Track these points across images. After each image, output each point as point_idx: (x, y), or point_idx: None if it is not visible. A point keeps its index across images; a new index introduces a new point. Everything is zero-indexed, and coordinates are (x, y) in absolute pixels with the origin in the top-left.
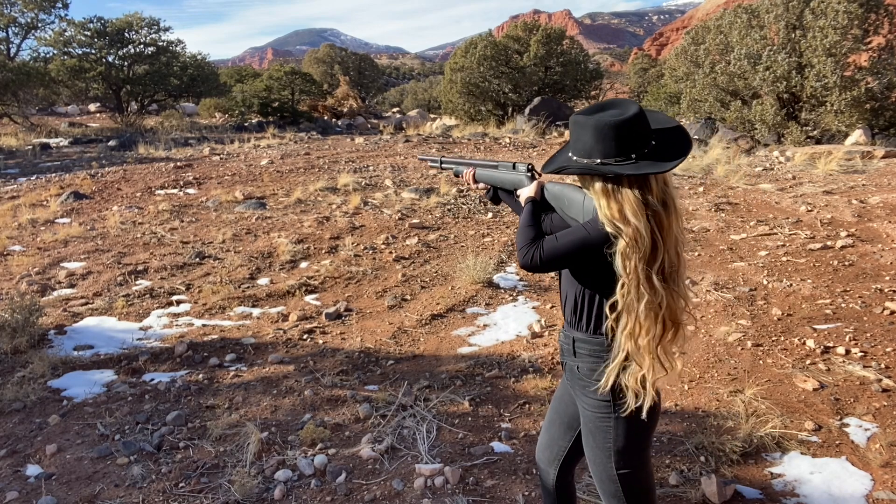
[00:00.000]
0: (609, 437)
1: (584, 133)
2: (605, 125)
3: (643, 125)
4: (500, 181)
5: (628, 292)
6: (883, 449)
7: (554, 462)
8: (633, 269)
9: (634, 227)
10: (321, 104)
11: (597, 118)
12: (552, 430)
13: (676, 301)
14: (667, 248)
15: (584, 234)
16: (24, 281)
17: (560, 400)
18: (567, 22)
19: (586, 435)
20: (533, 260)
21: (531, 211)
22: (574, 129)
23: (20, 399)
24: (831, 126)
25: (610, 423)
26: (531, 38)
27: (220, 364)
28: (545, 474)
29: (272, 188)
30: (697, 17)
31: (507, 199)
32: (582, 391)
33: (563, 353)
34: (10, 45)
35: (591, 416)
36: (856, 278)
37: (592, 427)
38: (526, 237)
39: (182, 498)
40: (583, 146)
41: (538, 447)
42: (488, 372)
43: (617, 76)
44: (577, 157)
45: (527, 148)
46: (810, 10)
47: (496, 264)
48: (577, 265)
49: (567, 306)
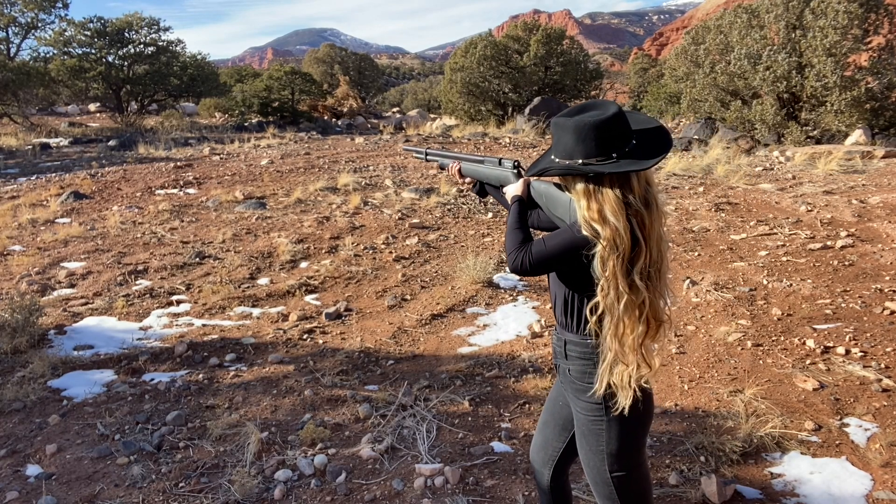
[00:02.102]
0: (602, 440)
1: (564, 134)
2: (585, 125)
3: (623, 125)
4: (485, 176)
5: (607, 294)
6: (883, 449)
7: (548, 463)
8: (612, 271)
9: (613, 227)
10: (321, 104)
11: (577, 119)
12: (546, 432)
13: (658, 299)
14: (649, 248)
15: (571, 236)
16: (24, 281)
17: (554, 401)
18: (567, 22)
19: (580, 438)
20: (522, 265)
21: (518, 212)
22: (555, 131)
23: (20, 399)
24: (831, 126)
25: (602, 426)
26: (531, 38)
27: (220, 364)
28: (540, 475)
29: (272, 188)
30: (697, 17)
31: (494, 194)
32: (574, 394)
33: (556, 355)
34: (10, 45)
35: (583, 418)
36: (856, 278)
37: (585, 430)
38: (514, 241)
39: (182, 498)
40: (564, 147)
41: (533, 448)
42: (488, 372)
43: (617, 76)
44: (559, 159)
45: (527, 148)
46: (810, 9)
47: (496, 264)
48: (565, 268)
49: (557, 308)
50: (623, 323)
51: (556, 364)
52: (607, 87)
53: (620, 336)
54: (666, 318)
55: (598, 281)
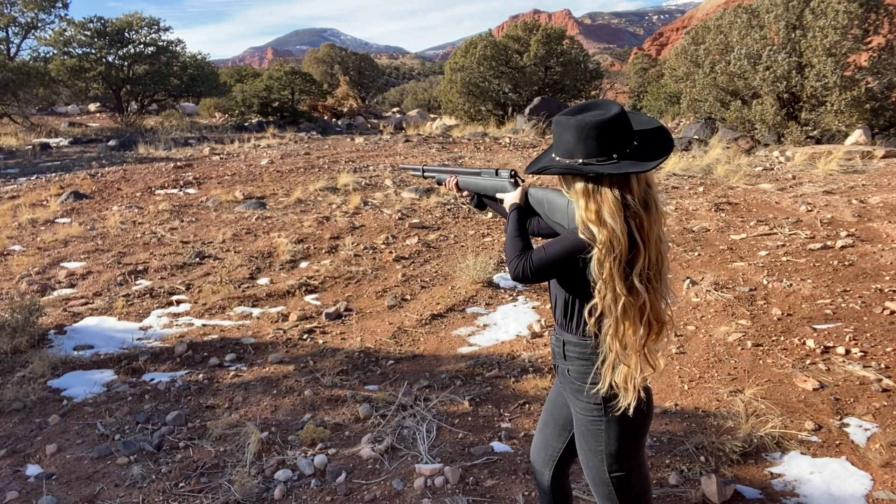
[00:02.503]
0: (601, 441)
1: (566, 133)
2: (586, 125)
3: (625, 125)
4: (483, 188)
5: (605, 296)
6: (883, 449)
7: (549, 463)
8: (609, 273)
9: (610, 229)
10: (321, 104)
11: (578, 118)
12: (546, 432)
13: (659, 301)
14: (648, 251)
15: (570, 241)
16: (24, 281)
17: (554, 402)
18: (567, 22)
19: (579, 438)
20: (524, 273)
21: (517, 219)
22: (557, 129)
23: (20, 399)
24: (831, 126)
25: (601, 427)
26: (531, 37)
27: (220, 364)
28: (540, 475)
29: (272, 188)
30: (697, 17)
31: (493, 205)
32: (574, 394)
33: (555, 356)
34: (10, 45)
35: (582, 419)
36: (856, 278)
37: (584, 430)
38: (514, 249)
39: (182, 498)
40: (565, 146)
41: (533, 448)
42: (488, 372)
43: (617, 76)
44: (559, 158)
45: (527, 148)
46: (810, 9)
47: (496, 264)
48: (566, 273)
49: (557, 309)
50: (623, 325)
51: (555, 364)
52: (607, 87)
53: (621, 337)
54: (668, 319)
55: (596, 283)
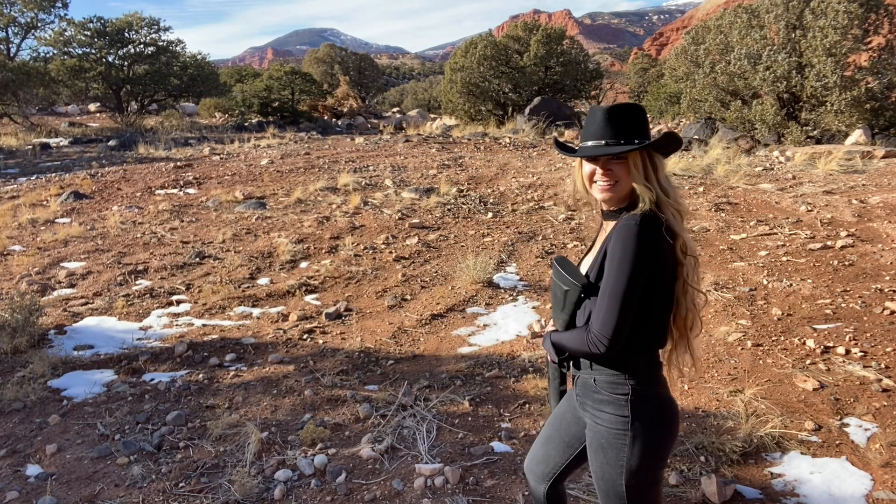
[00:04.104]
0: (623, 455)
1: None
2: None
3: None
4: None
5: (685, 291)
6: (883, 449)
7: (547, 477)
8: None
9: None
10: (321, 104)
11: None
12: (549, 447)
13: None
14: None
15: (633, 268)
16: (24, 281)
17: (561, 417)
18: (567, 22)
19: (596, 450)
20: (602, 349)
21: (551, 334)
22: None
23: (20, 399)
24: (831, 126)
25: (626, 441)
26: (531, 37)
27: (220, 364)
28: (535, 489)
29: (272, 188)
30: (697, 17)
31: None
32: (596, 405)
33: (574, 365)
34: (10, 45)
35: (604, 431)
36: (856, 278)
37: (605, 442)
38: (576, 343)
39: (182, 498)
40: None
41: (530, 459)
42: (488, 372)
43: (617, 76)
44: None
45: (526, 148)
46: (810, 9)
47: (496, 264)
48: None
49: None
50: (698, 318)
51: (573, 376)
52: (607, 87)
53: (689, 327)
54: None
55: (678, 278)
